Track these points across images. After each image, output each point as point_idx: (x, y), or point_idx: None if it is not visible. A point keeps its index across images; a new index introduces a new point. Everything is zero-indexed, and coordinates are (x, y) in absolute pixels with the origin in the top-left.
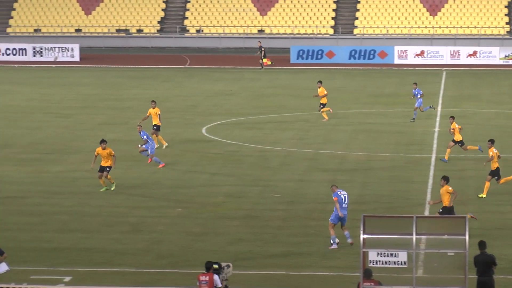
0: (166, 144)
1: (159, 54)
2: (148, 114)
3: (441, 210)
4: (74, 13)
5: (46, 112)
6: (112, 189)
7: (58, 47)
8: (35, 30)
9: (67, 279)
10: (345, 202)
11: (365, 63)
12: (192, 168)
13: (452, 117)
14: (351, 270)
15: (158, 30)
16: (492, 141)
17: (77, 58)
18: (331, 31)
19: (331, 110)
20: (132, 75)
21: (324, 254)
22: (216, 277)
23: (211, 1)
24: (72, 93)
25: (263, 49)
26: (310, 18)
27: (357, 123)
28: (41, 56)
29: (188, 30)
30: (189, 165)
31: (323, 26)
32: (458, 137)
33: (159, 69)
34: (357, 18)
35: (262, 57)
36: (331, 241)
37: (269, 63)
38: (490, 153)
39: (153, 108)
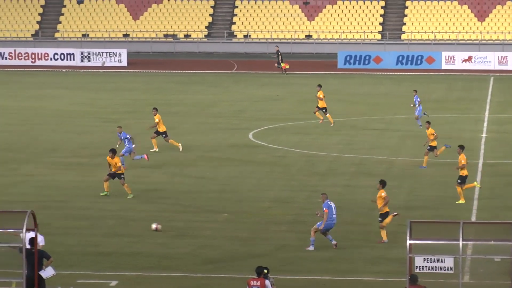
0: (157, 149)
1: (206, 59)
2: (158, 121)
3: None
4: (122, 18)
5: (94, 116)
6: (128, 197)
7: (106, 52)
8: (83, 35)
9: (113, 283)
10: (334, 213)
11: (413, 68)
12: (239, 173)
13: (428, 122)
14: (397, 276)
15: (205, 35)
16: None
17: (124, 63)
18: (378, 36)
19: (322, 119)
20: (179, 80)
21: (370, 260)
22: (267, 282)
23: (258, 7)
24: (119, 97)
25: (280, 53)
26: (358, 23)
27: (404, 129)
28: (89, 61)
29: (235, 35)
30: (236, 170)
31: (371, 32)
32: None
33: (206, 74)
34: (404, 24)
35: (280, 62)
36: (312, 243)
37: (287, 66)
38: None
39: (155, 115)
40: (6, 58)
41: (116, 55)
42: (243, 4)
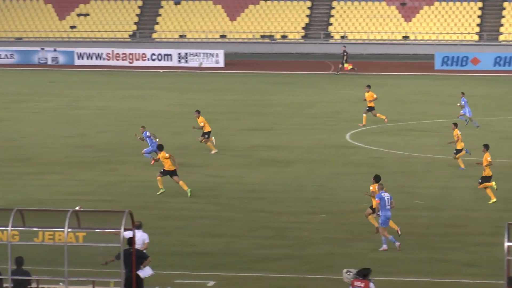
0: (215, 150)
1: (303, 60)
2: (202, 124)
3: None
4: (219, 19)
5: (191, 117)
6: (189, 195)
7: (203, 53)
8: (180, 36)
9: (211, 283)
10: (388, 204)
11: (511, 70)
12: (336, 174)
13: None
14: (495, 278)
15: (302, 36)
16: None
17: (221, 64)
18: (476, 37)
19: (385, 118)
20: (276, 81)
21: (468, 262)
22: (372, 284)
23: (355, 7)
24: (216, 98)
25: (346, 54)
26: (455, 24)
27: (502, 130)
28: (186, 61)
29: (332, 36)
30: (333, 171)
31: (468, 33)
32: (460, 145)
33: (303, 75)
34: (502, 25)
35: (344, 62)
36: (384, 243)
37: (350, 67)
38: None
39: (198, 118)
40: (104, 59)
41: (213, 56)
42: (340, 5)
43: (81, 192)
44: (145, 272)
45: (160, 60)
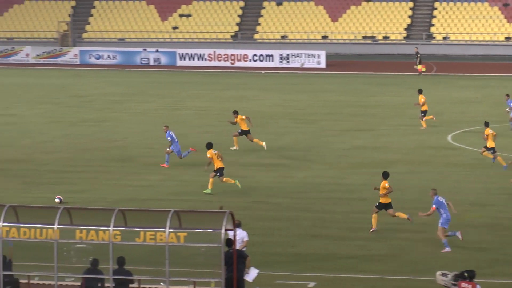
0: (265, 146)
1: (405, 61)
2: (236, 120)
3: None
4: (321, 19)
5: (292, 118)
6: (239, 186)
7: (305, 54)
8: (282, 37)
9: (311, 284)
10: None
11: None
12: (438, 175)
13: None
14: None
15: (404, 37)
16: None
17: (323, 65)
18: None
19: (434, 118)
20: (377, 81)
21: None
22: (479, 286)
23: (458, 8)
24: (318, 99)
25: (419, 55)
26: None
27: None
28: (288, 62)
29: (434, 37)
30: (435, 172)
31: None
32: (491, 143)
33: (405, 76)
34: None
35: (418, 63)
36: (446, 245)
37: (423, 69)
38: None
39: (236, 118)
40: (205, 60)
41: (314, 57)
42: (442, 6)
43: (182, 193)
44: (251, 274)
45: (261, 61)
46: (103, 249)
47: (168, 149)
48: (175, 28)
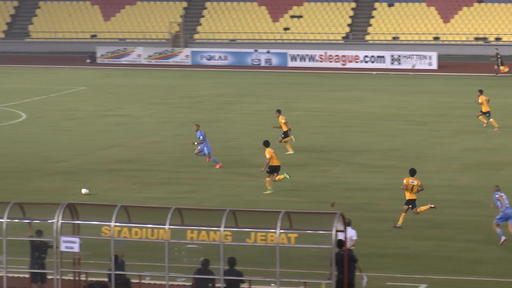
0: (292, 151)
1: None
2: (283, 121)
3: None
4: (432, 21)
5: (403, 119)
6: (289, 177)
7: (416, 55)
8: (394, 38)
9: (422, 286)
10: (507, 202)
11: None
12: None
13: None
14: None
15: None
16: None
17: (434, 66)
18: None
19: (486, 122)
20: (488, 83)
21: None
22: None
23: None
24: (429, 100)
25: (499, 56)
26: None
27: None
28: (399, 63)
29: None
30: None
31: None
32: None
33: None
34: None
35: (499, 64)
36: (500, 235)
37: (506, 70)
38: None
39: (278, 117)
40: (316, 60)
41: (426, 58)
42: None
43: (291, 193)
44: (364, 282)
45: (373, 62)
46: (214, 250)
47: (196, 150)
48: (286, 29)
